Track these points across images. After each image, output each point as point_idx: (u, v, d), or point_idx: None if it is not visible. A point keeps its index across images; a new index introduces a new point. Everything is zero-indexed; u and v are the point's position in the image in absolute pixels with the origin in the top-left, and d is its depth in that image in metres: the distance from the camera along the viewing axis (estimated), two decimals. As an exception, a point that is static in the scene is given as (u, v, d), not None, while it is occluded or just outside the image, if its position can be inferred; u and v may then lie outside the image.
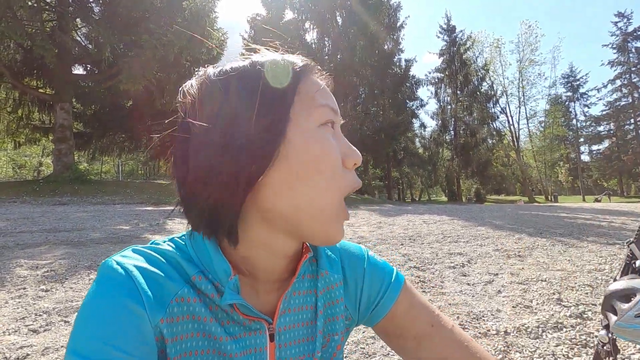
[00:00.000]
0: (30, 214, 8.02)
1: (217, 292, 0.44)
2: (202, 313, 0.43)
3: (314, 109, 0.43)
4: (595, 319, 2.45)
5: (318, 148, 0.42)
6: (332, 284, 0.53)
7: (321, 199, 0.42)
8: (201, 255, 0.45)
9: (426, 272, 3.76)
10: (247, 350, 0.45)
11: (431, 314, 0.54)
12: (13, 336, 2.14)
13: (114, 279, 0.40)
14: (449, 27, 35.66)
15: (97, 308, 0.38)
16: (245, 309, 0.44)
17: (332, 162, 0.42)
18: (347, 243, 0.59)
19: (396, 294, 0.55)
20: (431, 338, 0.52)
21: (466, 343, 0.52)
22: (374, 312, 0.55)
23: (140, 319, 0.39)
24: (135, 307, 0.39)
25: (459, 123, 34.34)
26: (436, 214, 10.60)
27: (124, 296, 0.39)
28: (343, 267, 0.56)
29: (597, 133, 43.75)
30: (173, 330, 0.41)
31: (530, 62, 37.01)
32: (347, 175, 0.44)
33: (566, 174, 50.88)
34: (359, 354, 2.04)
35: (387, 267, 0.58)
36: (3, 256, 4.09)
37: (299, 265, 0.49)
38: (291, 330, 0.48)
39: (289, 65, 0.44)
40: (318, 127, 0.43)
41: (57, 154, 14.76)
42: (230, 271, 0.43)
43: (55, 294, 2.89)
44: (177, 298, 0.42)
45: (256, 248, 0.45)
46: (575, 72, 45.60)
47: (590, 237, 5.99)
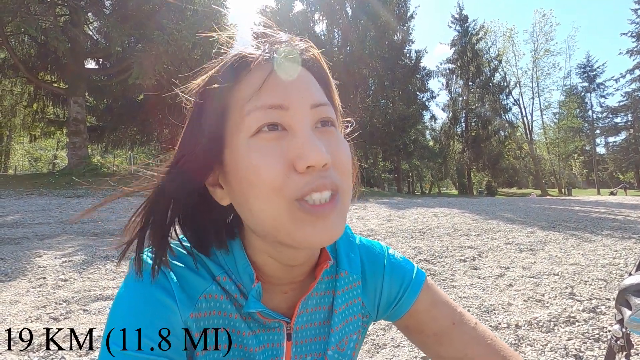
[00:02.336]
0: (47, 205, 8.22)
1: (240, 293, 0.45)
2: (228, 309, 0.45)
3: (242, 120, 0.40)
4: (608, 313, 2.43)
5: (247, 163, 0.38)
6: (351, 284, 0.53)
7: (270, 216, 0.38)
8: (226, 259, 0.47)
9: (436, 265, 3.76)
10: (264, 345, 0.47)
11: (453, 311, 0.54)
12: (35, 324, 2.22)
13: (148, 274, 0.42)
14: (461, 16, 34.93)
15: (132, 300, 0.40)
16: (267, 314, 0.45)
17: (265, 174, 0.38)
18: (367, 241, 0.59)
19: (416, 292, 0.55)
20: (452, 335, 0.52)
21: (489, 341, 0.52)
22: (394, 310, 0.55)
23: (171, 312, 0.41)
24: (167, 301, 0.41)
25: (471, 115, 33.82)
26: (446, 207, 10.53)
27: (158, 290, 0.41)
28: (363, 266, 0.56)
29: (613, 124, 42.54)
30: (201, 324, 0.43)
31: (545, 52, 36.13)
32: (296, 179, 0.38)
33: (581, 167, 49.80)
34: (370, 345, 2.06)
35: (408, 265, 0.58)
36: (23, 247, 4.22)
37: (319, 273, 0.49)
38: (306, 329, 0.50)
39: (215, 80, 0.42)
40: (249, 140, 0.39)
41: (72, 147, 15.03)
42: (254, 277, 0.45)
43: (74, 284, 2.98)
44: (205, 294, 0.44)
45: (264, 255, 0.46)
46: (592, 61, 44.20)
47: (605, 230, 5.88)
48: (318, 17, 25.92)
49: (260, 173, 0.38)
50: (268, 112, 0.39)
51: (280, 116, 0.39)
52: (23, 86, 19.35)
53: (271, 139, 0.39)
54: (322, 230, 0.38)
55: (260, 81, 0.40)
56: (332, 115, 0.43)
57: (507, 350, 0.52)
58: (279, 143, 0.39)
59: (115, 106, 19.39)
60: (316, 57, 0.46)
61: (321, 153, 0.37)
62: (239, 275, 0.46)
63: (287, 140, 0.39)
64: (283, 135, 0.39)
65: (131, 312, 0.39)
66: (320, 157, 0.37)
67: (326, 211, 0.38)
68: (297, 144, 0.38)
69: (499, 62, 34.93)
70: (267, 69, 0.41)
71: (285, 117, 0.39)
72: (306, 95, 0.41)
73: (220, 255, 0.47)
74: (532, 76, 37.08)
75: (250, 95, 0.39)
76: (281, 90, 0.40)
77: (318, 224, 0.38)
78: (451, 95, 34.71)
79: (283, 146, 0.39)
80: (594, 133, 44.32)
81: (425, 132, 35.01)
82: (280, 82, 0.40)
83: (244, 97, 0.40)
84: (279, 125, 0.39)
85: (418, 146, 29.81)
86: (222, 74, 0.41)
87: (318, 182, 0.38)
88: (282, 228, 0.38)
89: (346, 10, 25.40)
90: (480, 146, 32.13)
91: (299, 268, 0.48)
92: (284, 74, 0.41)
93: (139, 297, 0.40)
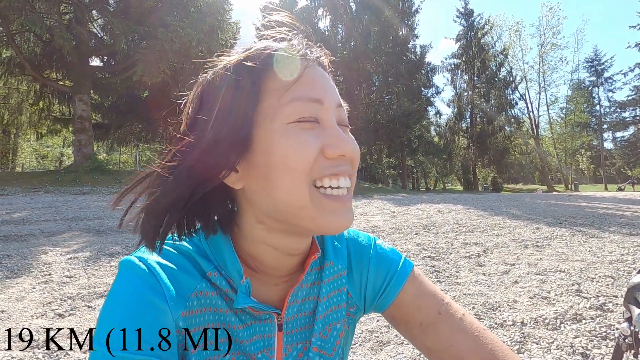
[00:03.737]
0: (54, 203, 8.30)
1: (230, 287, 0.46)
2: (219, 305, 0.46)
3: (281, 107, 0.41)
4: (616, 311, 2.40)
5: (284, 148, 0.40)
6: (336, 274, 0.54)
7: (297, 198, 0.41)
8: (215, 252, 0.47)
9: (441, 261, 3.74)
10: (256, 336, 0.48)
11: (439, 302, 0.54)
12: (41, 320, 2.24)
13: (137, 275, 0.42)
14: (467, 10, 34.56)
15: (123, 302, 0.40)
16: (257, 307, 0.46)
17: (301, 159, 0.40)
18: (356, 232, 0.60)
19: (402, 282, 0.55)
20: (437, 326, 0.52)
21: (477, 333, 0.51)
22: (380, 300, 0.55)
23: (163, 313, 0.41)
24: (158, 302, 0.41)
25: (476, 110, 33.52)
26: (451, 203, 10.47)
27: (148, 292, 0.41)
28: (349, 256, 0.56)
29: (621, 119, 41.94)
30: (193, 322, 0.43)
31: (552, 46, 35.67)
32: (326, 164, 0.42)
33: (588, 162, 49.26)
34: (374, 342, 2.05)
35: (395, 255, 0.58)
36: (29, 243, 4.26)
37: (307, 264, 0.50)
38: (296, 319, 0.51)
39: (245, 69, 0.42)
40: (287, 126, 0.41)
41: (77, 145, 15.15)
42: (242, 272, 0.46)
43: (79, 280, 3.01)
44: (196, 292, 0.44)
45: (262, 245, 0.47)
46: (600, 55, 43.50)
47: (613, 227, 5.82)
48: (322, 13, 25.79)
49: (297, 157, 0.40)
50: (308, 104, 0.42)
51: (317, 109, 0.43)
52: (29, 84, 19.50)
53: (308, 128, 0.42)
54: (343, 219, 0.43)
55: (298, 74, 0.43)
56: (346, 116, 0.48)
57: (495, 342, 0.51)
58: (314, 131, 0.42)
59: (120, 103, 19.51)
60: (330, 65, 0.50)
61: (352, 145, 0.44)
62: (227, 270, 0.46)
63: (318, 131, 0.42)
64: (315, 127, 0.42)
65: (122, 314, 0.39)
66: (352, 148, 0.44)
67: (346, 202, 0.43)
68: (331, 135, 0.42)
69: (505, 57, 34.50)
70: (303, 64, 0.44)
71: (320, 111, 0.43)
72: (334, 94, 0.45)
73: (207, 249, 0.47)
74: (538, 71, 36.66)
75: (288, 85, 0.42)
76: (319, 86, 0.44)
77: (340, 212, 0.43)
78: (456, 91, 34.40)
79: (317, 134, 0.42)
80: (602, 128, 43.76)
81: (430, 128, 34.74)
82: (317, 79, 0.44)
83: (282, 84, 0.42)
84: (313, 118, 0.42)
85: (423, 142, 29.65)
86: (259, 57, 0.43)
87: (343, 167, 0.43)
88: (306, 212, 0.41)
89: (350, 5, 25.24)
90: (486, 142, 31.86)
91: (297, 258, 0.49)
92: (318, 72, 0.45)
93: (130, 298, 0.40)
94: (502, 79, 33.83)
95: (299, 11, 24.10)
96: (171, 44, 12.96)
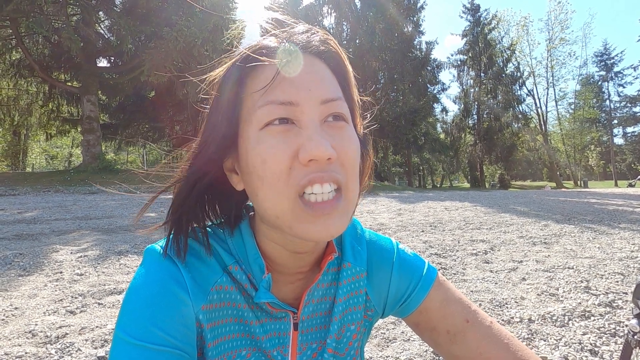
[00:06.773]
0: (63, 202, 8.42)
1: (249, 283, 0.46)
2: (237, 300, 0.46)
3: (254, 112, 0.40)
4: (625, 307, 2.37)
5: (256, 155, 0.40)
6: (354, 275, 0.53)
7: (273, 206, 0.40)
8: (238, 247, 0.48)
9: (447, 259, 3.72)
10: (271, 333, 0.48)
11: (467, 309, 0.53)
12: (52, 317, 2.28)
13: (162, 266, 0.43)
14: (473, 5, 34.20)
15: (147, 292, 0.41)
16: (275, 304, 0.47)
17: (272, 166, 0.39)
18: (377, 235, 0.59)
19: (427, 288, 0.54)
20: (466, 334, 0.51)
21: (506, 341, 0.50)
22: (403, 306, 0.55)
23: (184, 305, 0.42)
24: (181, 294, 0.42)
25: (483, 107, 33.20)
26: (458, 200, 10.41)
27: (171, 282, 0.42)
28: (369, 259, 0.55)
29: (632, 114, 41.32)
30: (212, 316, 0.44)
31: (560, 40, 35.19)
32: (299, 172, 0.38)
33: (597, 158, 48.51)
34: (380, 339, 2.06)
35: (418, 260, 0.57)
36: (41, 242, 4.33)
37: (324, 264, 0.50)
38: (312, 319, 0.51)
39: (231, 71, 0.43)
40: (259, 132, 0.40)
41: (86, 145, 15.33)
42: (264, 268, 0.46)
43: (89, 278, 3.05)
44: (217, 286, 0.45)
45: (271, 243, 0.47)
46: (610, 49, 42.80)
47: (622, 223, 5.74)
48: (326, 11, 25.71)
49: (267, 163, 0.39)
50: (279, 107, 0.39)
51: (290, 111, 0.40)
52: (38, 86, 19.78)
53: (280, 132, 0.39)
54: (322, 227, 0.39)
55: (271, 75, 0.40)
56: (343, 110, 0.42)
57: (524, 350, 0.50)
58: (286, 135, 0.39)
59: (127, 103, 19.69)
60: (334, 49, 0.45)
61: (324, 147, 0.37)
62: (249, 265, 0.47)
63: (294, 133, 0.39)
64: (291, 128, 0.40)
65: (146, 304, 0.40)
66: (322, 151, 0.37)
67: (327, 209, 0.39)
68: (302, 137, 0.39)
69: (512, 52, 34.11)
70: (285, 58, 0.41)
71: (295, 112, 0.40)
72: (317, 91, 0.40)
73: (231, 243, 0.48)
74: (546, 66, 36.25)
75: (263, 88, 0.40)
76: (293, 87, 0.40)
77: (318, 221, 0.39)
78: (462, 87, 34.10)
79: (290, 138, 0.39)
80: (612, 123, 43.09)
81: (436, 125, 34.49)
82: (292, 78, 0.40)
83: (257, 89, 0.41)
84: (288, 120, 0.40)
85: (429, 139, 29.44)
86: (237, 65, 0.43)
87: (316, 174, 0.38)
88: (284, 220, 0.40)
89: (354, 2, 25.11)
90: (493, 138, 31.55)
91: (307, 256, 0.49)
92: (297, 67, 0.41)
93: (153, 287, 0.41)
94: (509, 74, 33.45)
95: (303, 9, 24.06)
96: (176, 43, 13.03)
